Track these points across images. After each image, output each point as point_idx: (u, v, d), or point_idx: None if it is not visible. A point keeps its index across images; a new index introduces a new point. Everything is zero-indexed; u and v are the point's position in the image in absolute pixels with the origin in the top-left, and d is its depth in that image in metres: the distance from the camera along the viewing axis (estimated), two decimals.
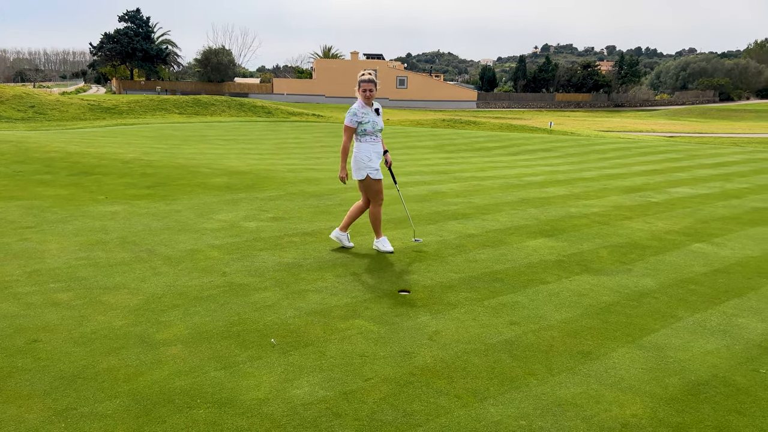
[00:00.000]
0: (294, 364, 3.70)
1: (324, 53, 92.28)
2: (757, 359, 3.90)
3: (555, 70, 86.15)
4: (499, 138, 21.39)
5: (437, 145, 18.68)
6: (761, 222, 8.04)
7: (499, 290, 5.13)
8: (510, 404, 3.29)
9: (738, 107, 72.26)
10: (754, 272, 5.77)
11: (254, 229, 6.98)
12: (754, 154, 17.84)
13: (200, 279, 5.22)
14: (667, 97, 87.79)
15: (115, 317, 4.32)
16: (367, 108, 5.96)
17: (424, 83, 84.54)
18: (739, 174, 13.20)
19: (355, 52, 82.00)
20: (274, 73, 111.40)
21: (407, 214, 7.33)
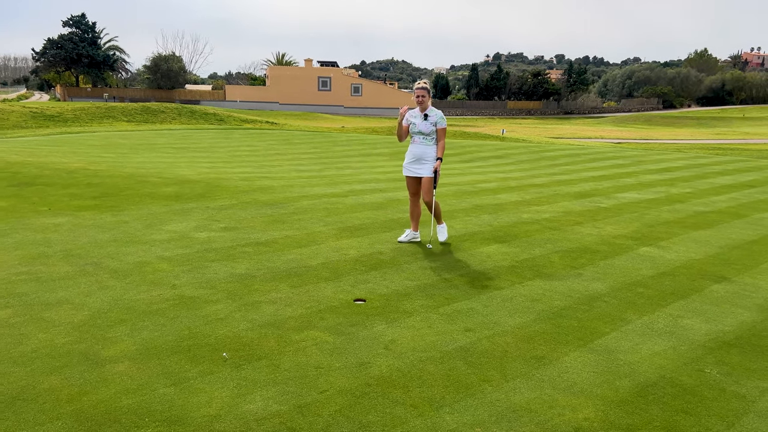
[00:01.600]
0: (247, 379, 3.61)
1: (277, 60, 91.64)
2: (701, 359, 4.02)
3: (507, 78, 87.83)
4: (452, 145, 21.60)
5: (392, 152, 18.73)
6: (704, 225, 8.34)
7: (454, 297, 5.15)
8: (465, 412, 3.29)
9: (680, 114, 75.15)
10: (698, 274, 5.97)
11: (205, 240, 6.83)
12: (696, 160, 18.54)
13: (149, 292, 5.07)
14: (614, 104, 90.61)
15: (57, 334, 4.14)
16: (417, 112, 6.66)
17: (379, 91, 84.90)
18: (683, 179, 13.68)
19: (309, 60, 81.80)
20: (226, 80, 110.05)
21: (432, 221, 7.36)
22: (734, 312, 4.92)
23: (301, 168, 14.07)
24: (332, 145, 20.86)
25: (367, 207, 8.99)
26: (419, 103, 6.59)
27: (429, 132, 6.60)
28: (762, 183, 13.22)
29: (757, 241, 7.45)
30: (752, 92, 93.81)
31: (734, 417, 3.29)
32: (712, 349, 4.19)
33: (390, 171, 13.92)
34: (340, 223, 7.83)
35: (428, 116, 6.60)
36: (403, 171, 6.88)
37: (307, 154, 17.77)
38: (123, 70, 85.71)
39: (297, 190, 10.36)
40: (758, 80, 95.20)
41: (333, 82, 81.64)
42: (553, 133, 50.70)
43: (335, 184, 11.37)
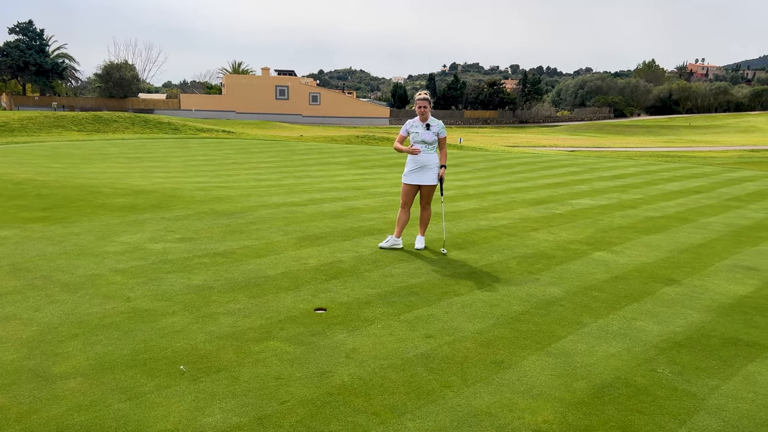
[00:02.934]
0: (205, 391, 3.54)
1: (233, 69, 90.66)
2: (654, 360, 4.13)
3: (463, 87, 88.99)
4: None
5: (352, 161, 18.74)
6: (654, 230, 8.60)
7: (414, 304, 5.17)
8: (427, 418, 3.30)
9: (630, 123, 77.46)
10: (649, 277, 6.14)
11: (160, 251, 6.69)
12: (646, 167, 19.12)
13: (102, 306, 4.92)
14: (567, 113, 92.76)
15: (4, 351, 3.98)
16: (418, 122, 6.91)
17: (337, 100, 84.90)
18: (634, 185, 14.09)
19: (266, 68, 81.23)
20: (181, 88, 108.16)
21: (443, 227, 7.68)
22: (684, 313, 5.08)
23: (260, 177, 13.93)
24: (290, 154, 20.73)
25: (327, 216, 8.96)
26: (420, 114, 6.84)
27: (432, 141, 6.87)
28: (708, 189, 13.73)
29: (704, 244, 7.72)
30: (697, 102, 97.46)
31: (686, 415, 3.39)
32: (664, 349, 4.31)
33: (349, 179, 13.91)
34: (299, 233, 7.78)
35: (430, 126, 6.86)
36: (403, 179, 7.08)
37: (265, 163, 17.61)
38: (73, 78, 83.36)
39: (255, 200, 10.25)
40: (703, 90, 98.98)
41: (291, 90, 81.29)
42: (509, 142, 51.55)
43: (294, 192, 11.30)
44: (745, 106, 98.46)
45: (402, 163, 18.47)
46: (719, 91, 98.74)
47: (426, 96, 6.89)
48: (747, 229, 8.88)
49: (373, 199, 10.69)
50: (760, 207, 11.07)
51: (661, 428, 3.24)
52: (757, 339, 4.55)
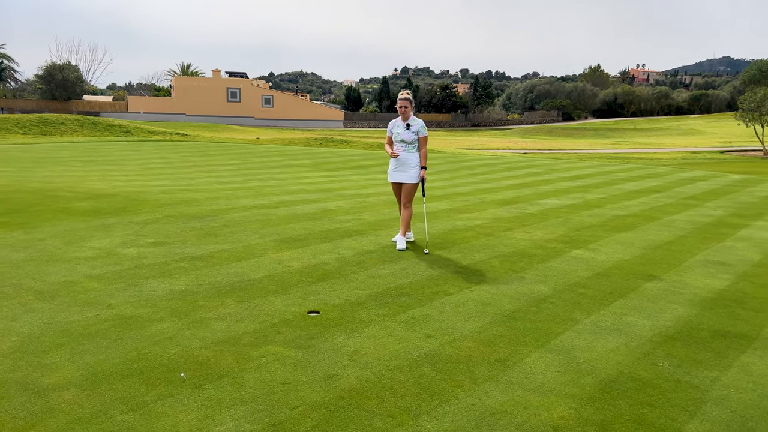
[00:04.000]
0: (211, 399, 3.41)
1: (182, 71, 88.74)
2: (652, 354, 4.21)
3: (416, 91, 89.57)
4: (373, 156, 21.73)
5: (314, 163, 18.57)
6: (623, 228, 8.81)
7: (407, 304, 5.13)
8: (444, 418, 3.26)
9: (579, 126, 79.57)
10: (630, 274, 6.28)
11: (135, 256, 6.44)
12: (602, 168, 19.65)
13: (83, 313, 4.70)
14: (518, 116, 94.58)
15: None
16: (399, 122, 6.99)
17: (291, 102, 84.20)
18: (595, 185, 14.43)
19: (216, 70, 79.88)
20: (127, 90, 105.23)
21: (425, 227, 7.59)
22: (670, 308, 5.21)
23: (223, 180, 13.64)
24: (250, 156, 20.40)
25: (302, 218, 8.83)
26: (402, 113, 6.90)
27: (411, 140, 6.92)
28: (665, 188, 14.19)
29: (673, 241, 7.95)
30: (641, 105, 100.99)
31: (694, 406, 3.45)
32: (658, 343, 4.40)
33: (316, 181, 13.77)
34: (276, 235, 7.63)
35: (410, 126, 6.90)
36: (388, 178, 7.19)
37: (226, 165, 17.27)
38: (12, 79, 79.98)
39: (224, 202, 10.02)
40: (646, 94, 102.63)
41: (243, 93, 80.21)
42: (464, 144, 52.17)
43: (263, 195, 11.10)
44: (684, 109, 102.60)
45: (363, 165, 18.44)
46: (661, 95, 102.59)
47: (407, 96, 6.92)
48: (709, 226, 9.20)
49: (345, 201, 10.60)
50: (717, 205, 11.51)
51: (674, 420, 3.29)
52: (743, 331, 4.69)
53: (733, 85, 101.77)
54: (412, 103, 6.92)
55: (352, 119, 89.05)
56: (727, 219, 9.88)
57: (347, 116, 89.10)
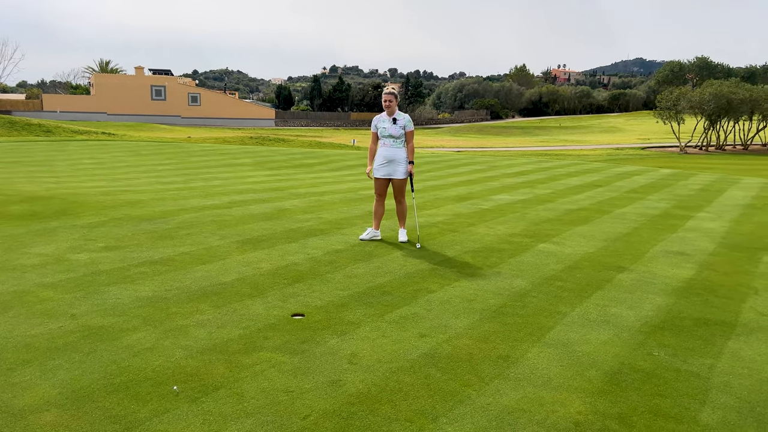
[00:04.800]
0: (212, 413, 3.15)
1: (101, 68, 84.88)
2: (645, 344, 4.25)
3: (349, 90, 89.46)
4: (315, 155, 21.43)
5: (256, 162, 18.09)
6: (579, 222, 9.00)
7: (392, 303, 4.98)
8: (463, 420, 3.15)
9: (507, 124, 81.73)
10: (601, 266, 6.38)
11: (88, 262, 5.99)
12: (540, 164, 20.15)
13: (45, 325, 4.29)
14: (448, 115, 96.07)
15: None
16: (385, 117, 6.92)
17: (219, 100, 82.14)
18: (539, 181, 14.75)
19: (140, 67, 76.80)
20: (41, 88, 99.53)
21: (416, 222, 7.64)
22: (648, 298, 5.31)
23: (164, 180, 13.03)
24: (186, 155, 19.65)
25: (259, 218, 8.51)
26: (387, 108, 6.84)
27: (399, 135, 6.89)
28: (606, 183, 14.67)
29: (630, 233, 8.18)
30: (564, 104, 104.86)
31: (701, 394, 3.49)
32: (648, 333, 4.46)
33: (262, 180, 13.38)
34: (236, 236, 7.31)
35: (397, 120, 6.88)
36: (373, 173, 7.07)
37: (163, 165, 16.54)
38: None
39: (171, 203, 9.54)
40: (568, 94, 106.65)
41: (168, 91, 77.60)
42: None
43: (211, 195, 10.66)
44: (605, 108, 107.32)
45: (307, 163, 18.14)
46: (583, 95, 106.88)
47: (392, 90, 6.89)
48: (658, 218, 9.54)
49: (299, 200, 10.33)
50: (659, 198, 11.98)
51: (687, 410, 3.31)
52: (721, 318, 4.83)
53: (648, 85, 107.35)
54: (397, 97, 6.89)
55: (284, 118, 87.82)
56: (672, 211, 10.29)
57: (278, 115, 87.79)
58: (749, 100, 47.01)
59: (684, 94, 49.50)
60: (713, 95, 46.84)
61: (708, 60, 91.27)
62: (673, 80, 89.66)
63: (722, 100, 46.65)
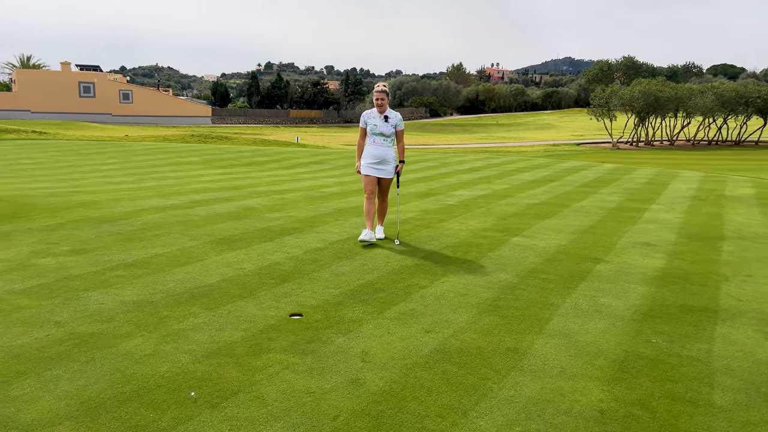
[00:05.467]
0: (238, 418, 3.05)
1: (22, 63, 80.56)
2: (641, 332, 4.40)
3: (287, 87, 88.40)
4: (264, 152, 21.07)
5: (205, 160, 17.61)
6: (544, 215, 9.22)
7: (387, 300, 4.96)
8: (493, 413, 3.16)
9: (447, 122, 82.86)
10: (577, 258, 6.55)
11: (57, 267, 5.68)
12: (489, 161, 20.53)
13: (29, 334, 4.04)
14: None
15: None
16: (376, 114, 6.84)
17: (153, 98, 79.58)
18: (494, 177, 15.02)
19: (66, 63, 73.36)
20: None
21: (398, 217, 7.84)
22: (630, 287, 5.49)
23: (114, 180, 12.50)
24: (130, 155, 18.92)
25: (225, 218, 8.29)
26: (378, 106, 6.76)
27: (390, 134, 6.82)
28: (557, 178, 15.10)
29: (595, 226, 8.45)
30: (500, 102, 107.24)
31: (708, 378, 3.64)
32: (640, 321, 4.61)
33: (216, 179, 13.04)
34: (208, 237, 7.09)
35: (388, 118, 6.80)
36: (362, 170, 6.94)
37: (107, 165, 15.86)
38: None
39: (128, 204, 9.16)
40: (504, 92, 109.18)
41: (97, 88, 74.59)
42: (341, 141, 52.24)
43: (168, 195, 10.30)
44: (539, 105, 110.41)
45: (258, 161, 17.82)
46: (517, 93, 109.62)
47: (384, 88, 6.80)
48: (616, 211, 9.90)
49: (261, 199, 10.13)
50: (610, 191, 12.43)
51: (700, 393, 3.44)
52: (703, 304, 5.06)
53: (579, 83, 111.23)
54: (388, 95, 6.82)
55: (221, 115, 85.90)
56: (627, 204, 10.70)
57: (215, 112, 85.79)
58: (675, 98, 49.45)
59: (615, 92, 51.57)
60: (642, 93, 49.00)
61: (634, 59, 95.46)
62: (603, 79, 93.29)
63: (651, 97, 48.86)
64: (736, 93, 49.22)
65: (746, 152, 44.38)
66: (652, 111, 50.66)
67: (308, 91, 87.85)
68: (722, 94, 49.57)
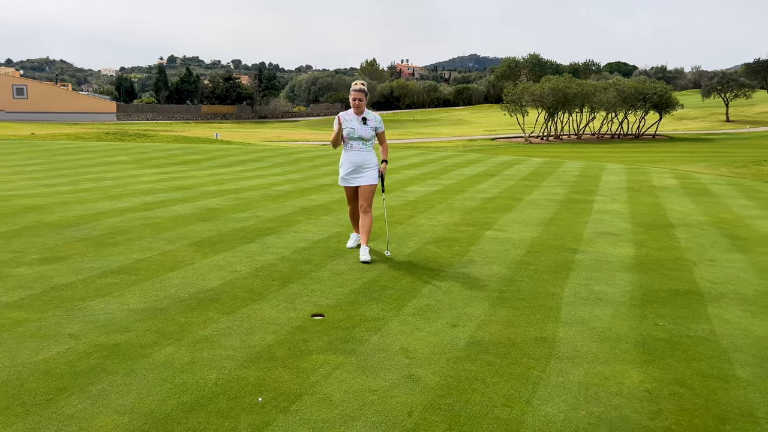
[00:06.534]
0: (315, 420, 3.04)
1: None
2: (646, 316, 4.72)
3: (198, 81, 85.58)
4: (193, 150, 20.40)
5: (135, 159, 16.84)
6: (504, 209, 9.57)
7: (399, 297, 5.03)
8: (553, 399, 3.33)
9: None
10: (554, 249, 6.88)
11: (37, 276, 5.34)
12: (425, 156, 20.92)
13: (49, 349, 3.81)
14: (304, 108, 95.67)
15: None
16: (353, 116, 6.21)
17: (50, 93, 74.82)
18: (438, 172, 15.34)
19: None
20: None
21: (386, 225, 7.16)
22: (616, 275, 5.86)
23: (46, 183, 11.74)
24: (50, 154, 17.77)
25: (192, 219, 8.03)
26: (356, 107, 6.14)
27: (370, 137, 6.22)
28: (496, 172, 15.65)
29: (555, 218, 8.88)
30: (414, 98, 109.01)
31: (723, 355, 3.99)
32: (640, 306, 4.95)
33: (157, 179, 12.54)
34: (184, 240, 6.87)
35: (367, 120, 6.19)
36: (339, 182, 6.44)
37: (30, 166, 14.84)
38: None
39: (80, 208, 8.68)
40: (418, 88, 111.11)
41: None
42: (260, 137, 51.31)
43: (117, 197, 9.82)
44: (451, 101, 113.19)
45: (193, 160, 17.26)
46: (431, 89, 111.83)
47: (363, 87, 6.19)
48: (567, 203, 10.43)
49: (219, 198, 9.87)
50: (552, 185, 13.05)
51: (722, 369, 3.77)
52: (686, 288, 5.48)
53: (489, 80, 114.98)
54: (367, 94, 6.22)
55: (127, 111, 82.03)
56: (573, 196, 11.29)
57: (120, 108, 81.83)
58: (581, 94, 52.30)
59: (527, 88, 53.78)
60: (552, 90, 51.46)
61: (539, 57, 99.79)
62: (510, 75, 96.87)
63: (559, 94, 51.40)
64: (635, 89, 52.60)
65: (646, 145, 47.70)
66: (560, 106, 53.26)
67: (220, 86, 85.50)
68: (623, 90, 52.82)
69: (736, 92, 67.49)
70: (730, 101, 69.74)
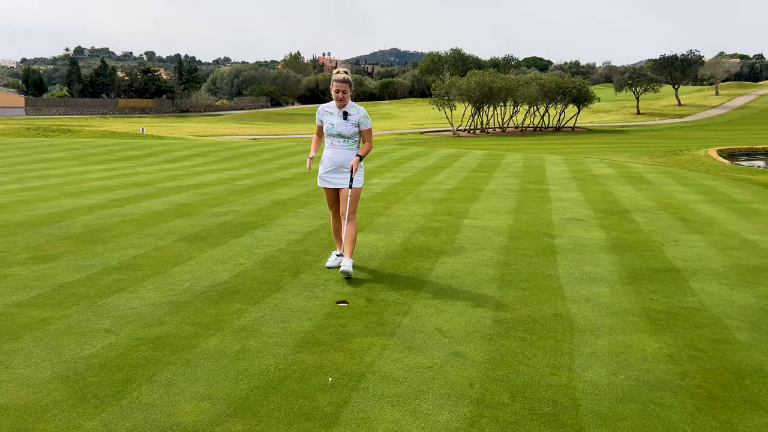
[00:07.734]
0: (387, 395, 3.24)
1: None
2: (640, 292, 5.17)
3: (113, 74, 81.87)
4: (130, 146, 19.70)
5: (74, 156, 16.13)
6: (471, 199, 9.96)
7: (411, 282, 5.26)
8: (592, 366, 3.66)
9: (291, 111, 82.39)
10: (533, 235, 7.30)
11: (38, 276, 5.20)
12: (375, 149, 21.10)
13: (92, 345, 3.79)
14: (228, 102, 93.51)
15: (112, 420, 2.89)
16: (333, 108, 5.47)
17: None
18: (390, 165, 15.59)
19: None
20: None
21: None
22: (598, 257, 6.32)
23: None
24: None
25: (169, 215, 7.92)
26: (338, 99, 5.34)
27: (351, 134, 5.45)
28: (446, 164, 16.09)
29: (520, 206, 9.35)
30: None
31: (719, 322, 4.47)
32: (631, 284, 5.40)
33: (108, 176, 12.13)
34: (173, 235, 6.80)
35: (348, 115, 5.41)
36: (318, 182, 5.74)
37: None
38: None
39: (43, 206, 8.35)
40: None
41: None
42: (186, 132, 49.90)
43: (76, 195, 9.49)
44: (376, 95, 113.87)
45: (134, 155, 16.74)
46: (357, 83, 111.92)
47: (346, 76, 5.38)
48: (525, 192, 10.97)
49: (184, 194, 9.72)
50: (504, 176, 13.63)
51: (724, 335, 4.23)
52: (664, 266, 6.00)
53: (413, 74, 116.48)
54: (351, 85, 5.44)
55: (37, 105, 77.41)
56: (527, 186, 11.87)
57: (30, 102, 77.17)
58: (505, 88, 54.10)
59: (455, 83, 55.01)
60: (478, 84, 52.92)
61: (462, 52, 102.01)
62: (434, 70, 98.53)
63: (485, 88, 52.95)
64: (555, 84, 54.87)
65: (567, 136, 50.05)
66: (486, 100, 54.84)
67: (138, 79, 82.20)
68: (544, 85, 54.98)
69: (645, 87, 71.83)
70: (640, 95, 74.14)
